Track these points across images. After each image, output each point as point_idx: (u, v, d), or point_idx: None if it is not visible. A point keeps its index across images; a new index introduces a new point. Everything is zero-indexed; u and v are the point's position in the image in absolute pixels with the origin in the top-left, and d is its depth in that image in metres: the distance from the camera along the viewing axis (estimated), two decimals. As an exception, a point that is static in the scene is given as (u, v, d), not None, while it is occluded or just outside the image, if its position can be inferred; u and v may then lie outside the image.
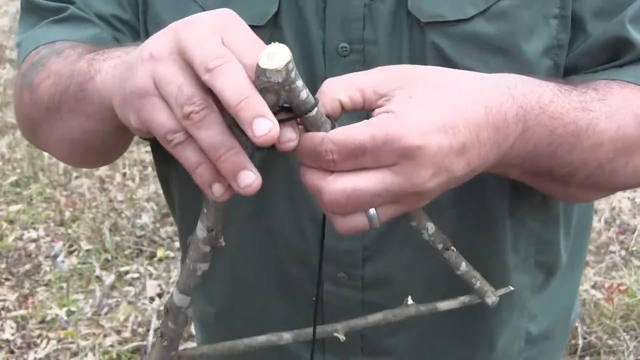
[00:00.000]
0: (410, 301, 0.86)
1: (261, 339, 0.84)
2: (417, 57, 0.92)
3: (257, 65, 0.65)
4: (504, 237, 1.02)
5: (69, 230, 3.69)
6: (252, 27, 0.93)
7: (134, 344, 2.97)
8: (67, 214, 3.82)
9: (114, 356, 2.91)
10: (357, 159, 0.69)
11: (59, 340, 2.98)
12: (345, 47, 0.94)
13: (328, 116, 0.72)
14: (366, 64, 0.93)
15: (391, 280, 1.02)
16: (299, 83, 0.67)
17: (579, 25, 0.94)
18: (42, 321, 3.11)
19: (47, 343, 2.98)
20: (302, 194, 0.99)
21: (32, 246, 3.60)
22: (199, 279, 0.77)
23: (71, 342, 2.98)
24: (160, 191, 3.90)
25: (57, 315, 3.12)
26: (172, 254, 3.52)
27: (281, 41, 0.92)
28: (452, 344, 1.10)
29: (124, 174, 4.27)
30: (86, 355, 2.91)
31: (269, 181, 0.79)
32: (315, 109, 0.69)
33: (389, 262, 1.02)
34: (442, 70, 0.77)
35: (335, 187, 0.70)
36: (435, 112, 0.71)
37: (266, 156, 0.92)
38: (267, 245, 1.05)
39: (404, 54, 0.93)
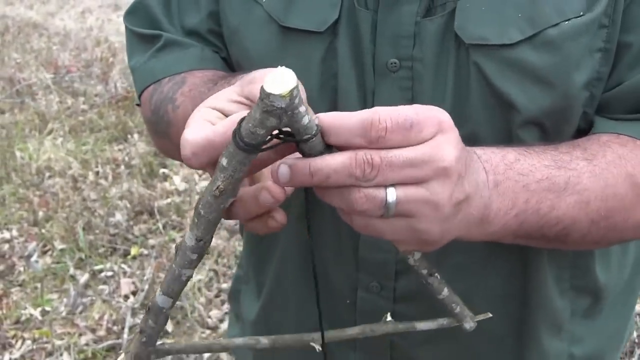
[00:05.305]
0: (389, 318, 0.88)
1: (238, 341, 0.86)
2: (462, 78, 0.94)
3: (262, 88, 0.65)
4: (539, 259, 1.03)
5: (43, 230, 3.69)
6: (312, 32, 0.98)
7: (109, 342, 2.98)
8: (41, 213, 3.82)
9: (89, 355, 2.92)
10: (406, 131, 0.70)
11: (34, 340, 2.98)
12: (395, 63, 0.96)
13: (329, 145, 0.71)
14: (413, 81, 0.96)
15: (423, 295, 1.00)
16: (302, 109, 0.67)
17: (621, 59, 0.94)
18: (17, 321, 3.11)
19: (22, 343, 2.98)
20: None
21: (5, 247, 3.59)
22: (183, 284, 0.78)
23: (46, 342, 2.98)
24: (133, 189, 3.92)
25: (31, 315, 3.12)
26: (145, 252, 3.53)
27: (336, 50, 0.97)
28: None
29: (97, 173, 4.27)
30: (61, 354, 2.91)
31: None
32: (318, 136, 0.70)
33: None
34: None
35: (372, 151, 0.70)
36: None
37: None
38: (313, 246, 1.07)
39: (449, 73, 0.94)
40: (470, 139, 0.86)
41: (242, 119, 0.67)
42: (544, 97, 0.92)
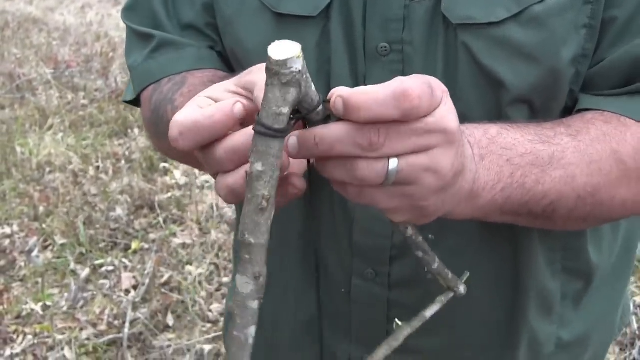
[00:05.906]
0: (399, 322, 0.87)
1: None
2: (451, 59, 0.94)
3: (272, 62, 0.61)
4: (531, 241, 1.04)
5: (43, 225, 3.69)
6: (305, 18, 0.98)
7: (110, 336, 2.98)
8: (41, 208, 3.82)
9: (90, 349, 2.92)
10: (431, 97, 0.67)
11: (35, 335, 2.99)
12: (385, 47, 0.96)
13: (330, 112, 0.69)
14: (404, 64, 0.96)
15: (418, 281, 1.02)
16: (309, 74, 0.64)
17: (606, 35, 0.94)
18: (18, 316, 3.11)
19: (24, 338, 2.99)
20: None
21: (6, 242, 3.59)
22: (250, 348, 0.68)
23: (47, 337, 2.99)
24: (134, 183, 3.92)
25: (32, 310, 3.12)
26: (146, 246, 3.53)
27: (329, 34, 0.97)
28: (480, 346, 1.11)
29: (98, 168, 4.27)
30: (62, 349, 2.91)
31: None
32: (322, 103, 0.68)
33: (417, 263, 1.03)
34: None
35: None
36: None
37: None
38: (311, 233, 1.08)
39: (439, 55, 0.94)
40: (460, 119, 0.85)
41: (258, 113, 0.64)
42: (532, 73, 0.92)
